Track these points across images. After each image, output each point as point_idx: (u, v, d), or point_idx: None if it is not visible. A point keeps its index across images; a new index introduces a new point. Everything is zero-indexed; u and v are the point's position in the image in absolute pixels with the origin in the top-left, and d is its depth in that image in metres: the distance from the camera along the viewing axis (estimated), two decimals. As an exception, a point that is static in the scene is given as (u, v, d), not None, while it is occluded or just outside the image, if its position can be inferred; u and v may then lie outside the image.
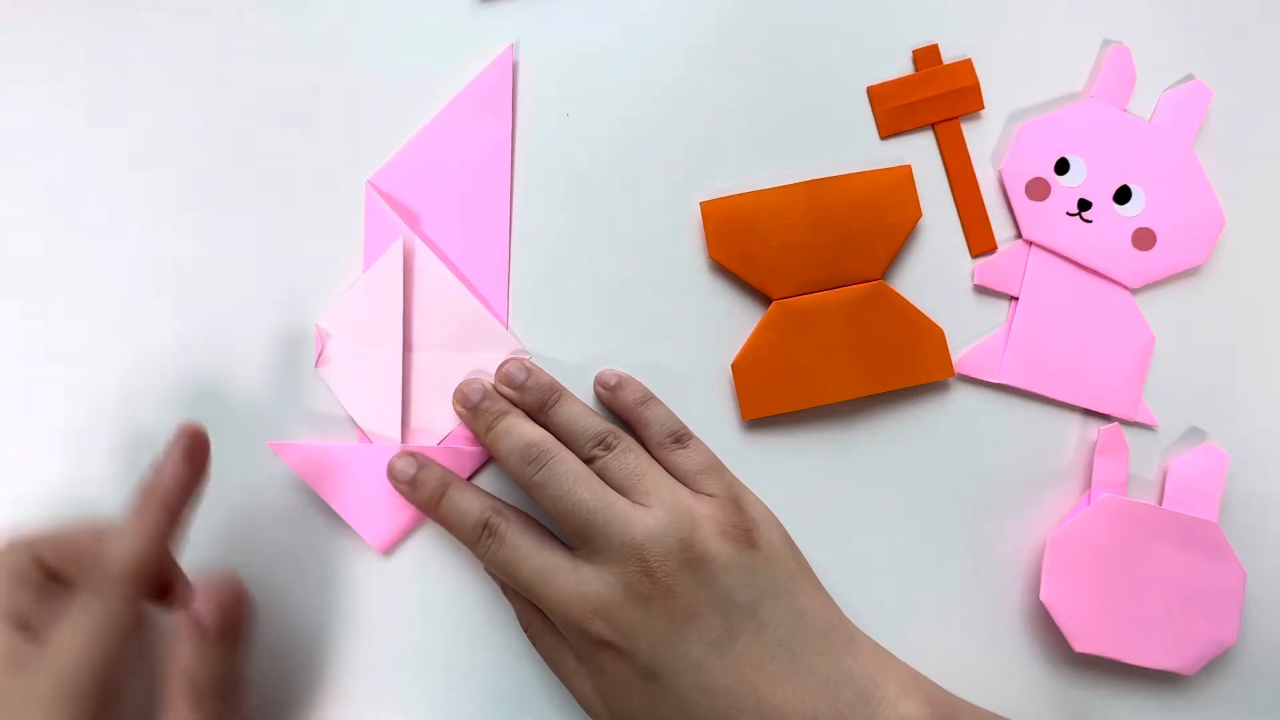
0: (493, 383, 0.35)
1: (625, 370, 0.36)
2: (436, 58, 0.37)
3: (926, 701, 0.31)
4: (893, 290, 0.36)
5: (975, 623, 0.36)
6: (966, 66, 0.37)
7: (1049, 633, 0.36)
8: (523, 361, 0.36)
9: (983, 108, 0.38)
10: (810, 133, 0.37)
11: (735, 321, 0.37)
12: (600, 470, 0.33)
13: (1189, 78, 0.38)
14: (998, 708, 0.33)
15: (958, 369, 0.37)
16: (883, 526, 0.37)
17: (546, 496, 0.32)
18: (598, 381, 0.36)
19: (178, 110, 0.38)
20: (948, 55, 0.38)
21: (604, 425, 0.34)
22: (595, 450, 0.33)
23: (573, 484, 0.32)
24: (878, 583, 0.36)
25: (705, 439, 0.35)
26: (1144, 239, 0.37)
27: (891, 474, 0.37)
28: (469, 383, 0.35)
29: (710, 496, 0.33)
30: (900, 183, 0.37)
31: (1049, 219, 0.37)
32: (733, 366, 0.36)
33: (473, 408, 0.35)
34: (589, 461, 0.33)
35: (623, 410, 0.36)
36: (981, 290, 0.37)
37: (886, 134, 0.38)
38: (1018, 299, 0.37)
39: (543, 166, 0.37)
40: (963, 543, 0.37)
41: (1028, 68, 0.38)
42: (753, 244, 0.36)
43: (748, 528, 0.32)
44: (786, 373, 0.36)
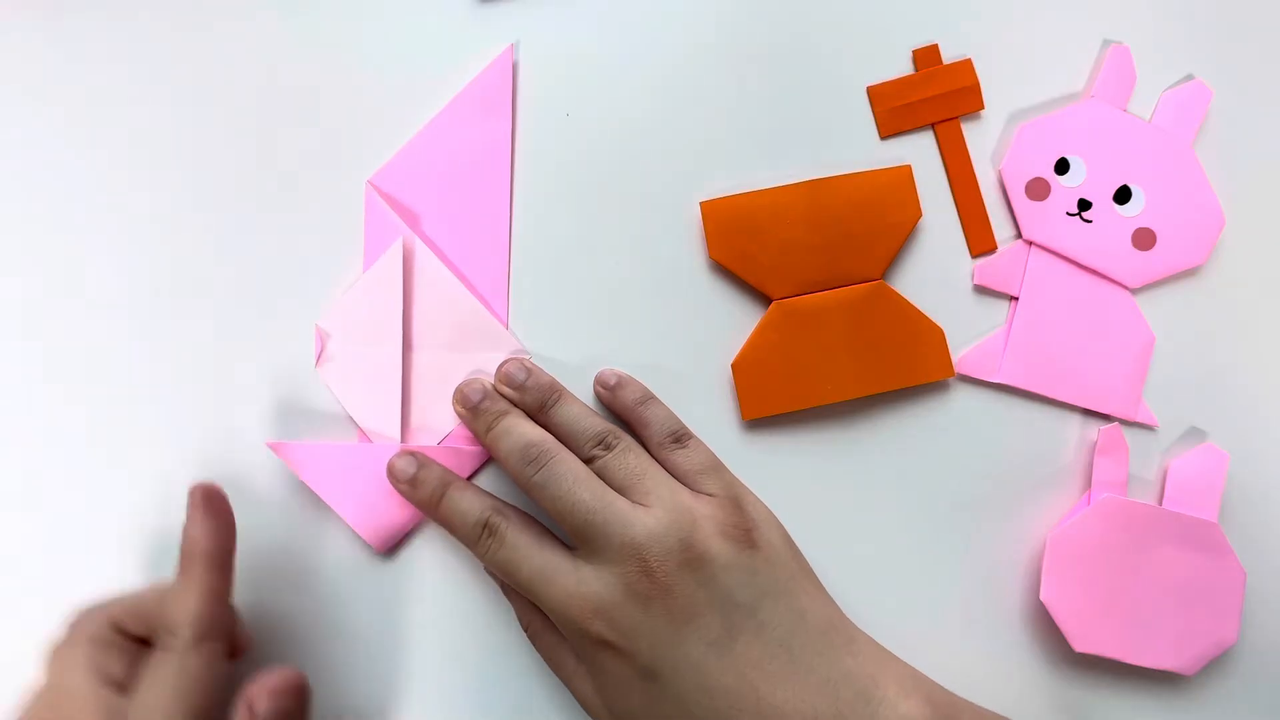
0: (493, 383, 0.35)
1: (625, 370, 0.36)
2: (436, 58, 0.37)
3: (926, 701, 0.31)
4: (893, 290, 0.36)
5: (975, 623, 0.36)
6: (966, 66, 0.37)
7: (1049, 633, 0.36)
8: (523, 361, 0.36)
9: (983, 108, 0.38)
10: (810, 133, 0.37)
11: (735, 321, 0.37)
12: (600, 470, 0.33)
13: (1189, 78, 0.38)
14: (998, 708, 0.33)
15: (958, 369, 0.37)
16: (883, 526, 0.37)
17: (546, 496, 0.32)
18: (598, 381, 0.36)
19: (178, 110, 0.38)
20: (948, 55, 0.38)
21: (604, 425, 0.34)
22: (595, 450, 0.33)
23: (572, 484, 0.32)
24: (878, 583, 0.36)
25: (705, 439, 0.35)
26: (1144, 239, 0.37)
27: (891, 474, 0.37)
28: (469, 383, 0.35)
29: (710, 496, 0.33)
30: (900, 183, 0.37)
31: (1049, 219, 0.37)
32: (733, 366, 0.36)
33: (473, 408, 0.35)
34: (589, 461, 0.33)
35: (622, 410, 0.36)
36: (981, 290, 0.37)
37: (886, 134, 0.37)
38: (1018, 299, 0.37)
39: (543, 166, 0.37)
40: (963, 543, 0.37)
41: (1028, 68, 0.38)
42: (753, 244, 0.36)
43: (748, 528, 0.32)
44: (786, 373, 0.36)
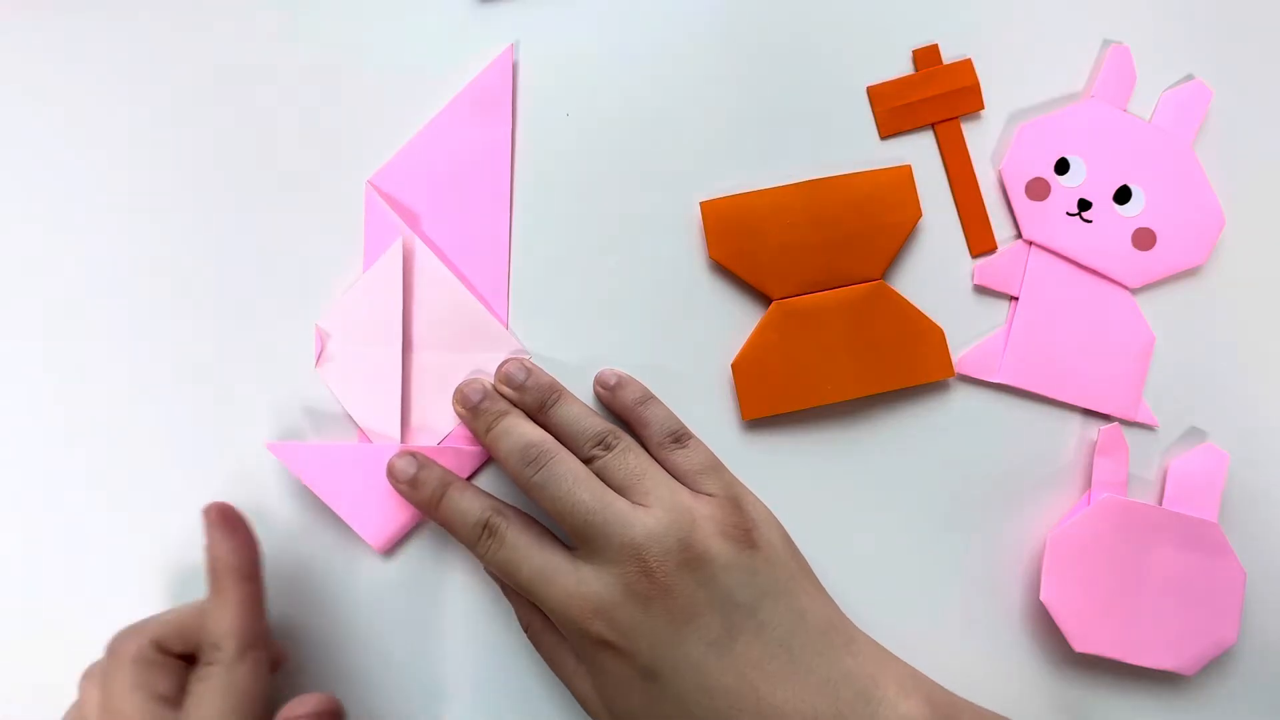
0: (492, 383, 0.35)
1: (625, 370, 0.36)
2: (436, 58, 0.37)
3: (926, 701, 0.31)
4: (893, 290, 0.36)
5: (975, 623, 0.36)
6: (966, 66, 0.37)
7: (1049, 633, 0.36)
8: (523, 361, 0.36)
9: (983, 108, 0.38)
10: (810, 133, 0.37)
11: (735, 321, 0.37)
12: (600, 470, 0.33)
13: (1189, 78, 0.38)
14: (998, 708, 0.33)
15: (958, 369, 0.37)
16: (883, 526, 0.37)
17: (546, 497, 0.32)
18: (597, 381, 0.36)
19: (178, 111, 0.38)
20: (948, 55, 0.38)
21: (604, 425, 0.34)
22: (595, 450, 0.33)
23: (572, 484, 0.32)
24: (878, 583, 0.36)
25: (705, 439, 0.35)
26: (1144, 239, 0.37)
27: (891, 474, 0.37)
28: (469, 383, 0.35)
29: (710, 496, 0.33)
30: (900, 183, 0.37)
31: (1049, 219, 0.37)
32: (733, 366, 0.36)
33: (472, 408, 0.35)
34: (589, 461, 0.33)
35: (622, 410, 0.36)
36: (981, 290, 0.37)
37: (886, 134, 0.37)
38: (1018, 299, 0.37)
39: (543, 166, 0.37)
40: (963, 543, 0.37)
41: (1028, 68, 0.38)
42: (753, 244, 0.36)
43: (747, 528, 0.32)
44: (786, 373, 0.36)
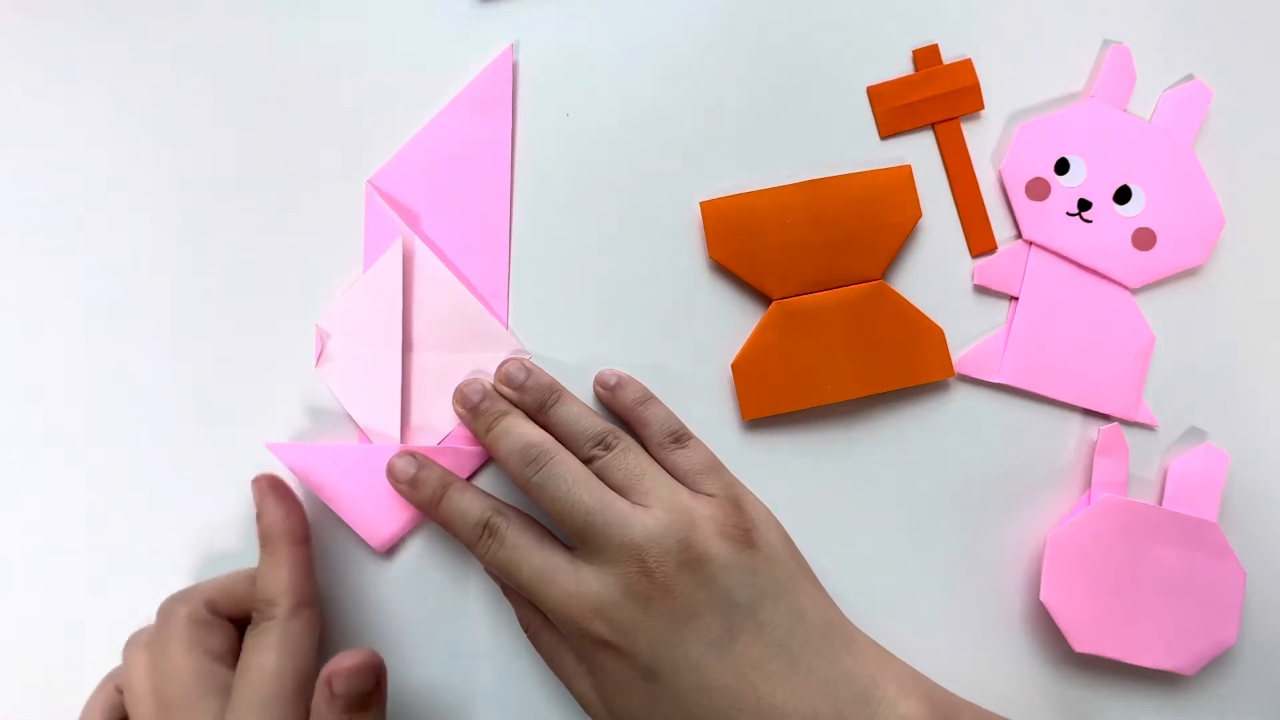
0: (493, 383, 0.35)
1: (625, 370, 0.36)
2: (436, 58, 0.37)
3: (926, 701, 0.31)
4: (893, 290, 0.36)
5: (975, 623, 0.36)
6: (966, 66, 0.37)
7: (1049, 633, 0.36)
8: (522, 361, 0.36)
9: (983, 108, 0.38)
10: (810, 133, 0.37)
11: (735, 321, 0.37)
12: (600, 470, 0.33)
13: (1189, 78, 0.38)
14: (998, 708, 0.33)
15: (958, 369, 0.37)
16: (883, 526, 0.37)
17: (545, 497, 0.32)
18: (597, 381, 0.36)
19: (178, 111, 0.38)
20: (948, 55, 0.38)
21: (604, 425, 0.34)
22: (595, 450, 0.33)
23: (571, 485, 0.32)
24: (878, 583, 0.36)
25: (705, 439, 0.35)
26: (1144, 239, 0.37)
27: (891, 474, 0.37)
28: (469, 383, 0.35)
29: (710, 496, 0.33)
30: (900, 183, 0.37)
31: (1049, 219, 0.37)
32: (733, 366, 0.36)
33: (472, 408, 0.35)
34: (588, 461, 0.33)
35: (622, 410, 0.36)
36: (981, 290, 0.37)
37: (886, 134, 0.37)
38: (1018, 299, 0.37)
39: (543, 166, 0.37)
40: (963, 543, 0.37)
41: (1028, 68, 0.38)
42: (753, 244, 0.36)
43: (747, 528, 0.32)
44: (786, 373, 0.36)
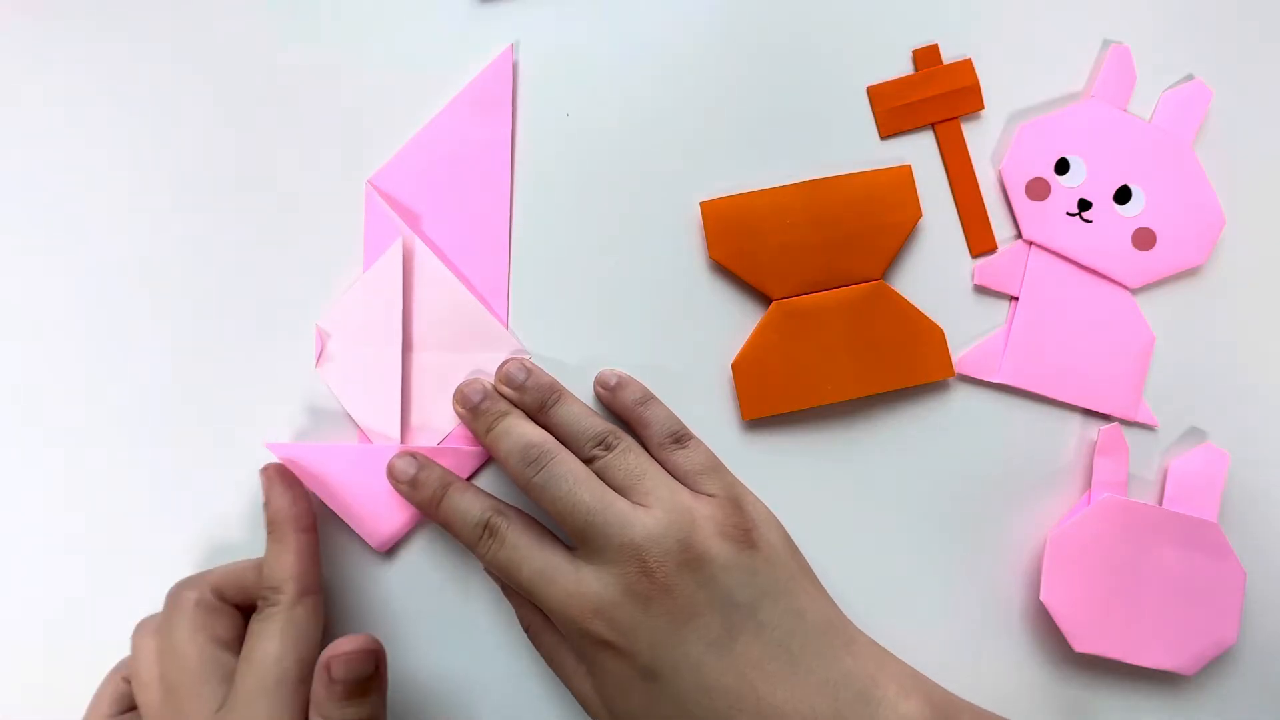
0: (493, 383, 0.35)
1: (625, 370, 0.36)
2: (436, 58, 0.37)
3: (926, 701, 0.31)
4: (893, 290, 0.36)
5: (975, 623, 0.36)
6: (966, 66, 0.37)
7: (1049, 633, 0.36)
8: (523, 361, 0.36)
9: (983, 108, 0.38)
10: (810, 133, 0.37)
11: (735, 321, 0.37)
12: (600, 470, 0.33)
13: (1189, 78, 0.38)
14: (998, 708, 0.33)
15: (958, 369, 0.37)
16: (883, 526, 0.37)
17: (546, 497, 0.32)
18: (598, 381, 0.36)
19: (177, 111, 0.38)
20: (948, 55, 0.38)
21: (604, 425, 0.34)
22: (595, 450, 0.33)
23: (572, 485, 0.32)
24: (878, 583, 0.36)
25: (705, 439, 0.35)
26: (1144, 239, 0.37)
27: (891, 474, 0.37)
28: (469, 383, 0.35)
29: (710, 497, 0.33)
30: (900, 183, 0.37)
31: (1049, 219, 0.37)
32: (733, 366, 0.36)
33: (473, 408, 0.35)
34: (589, 462, 0.33)
35: (622, 410, 0.36)
36: (981, 290, 0.37)
37: (886, 134, 0.37)
38: (1018, 299, 0.37)
39: (543, 166, 0.37)
40: (963, 543, 0.37)
41: (1028, 68, 0.38)
42: (753, 244, 0.36)
43: (747, 528, 0.32)
44: (786, 373, 0.36)
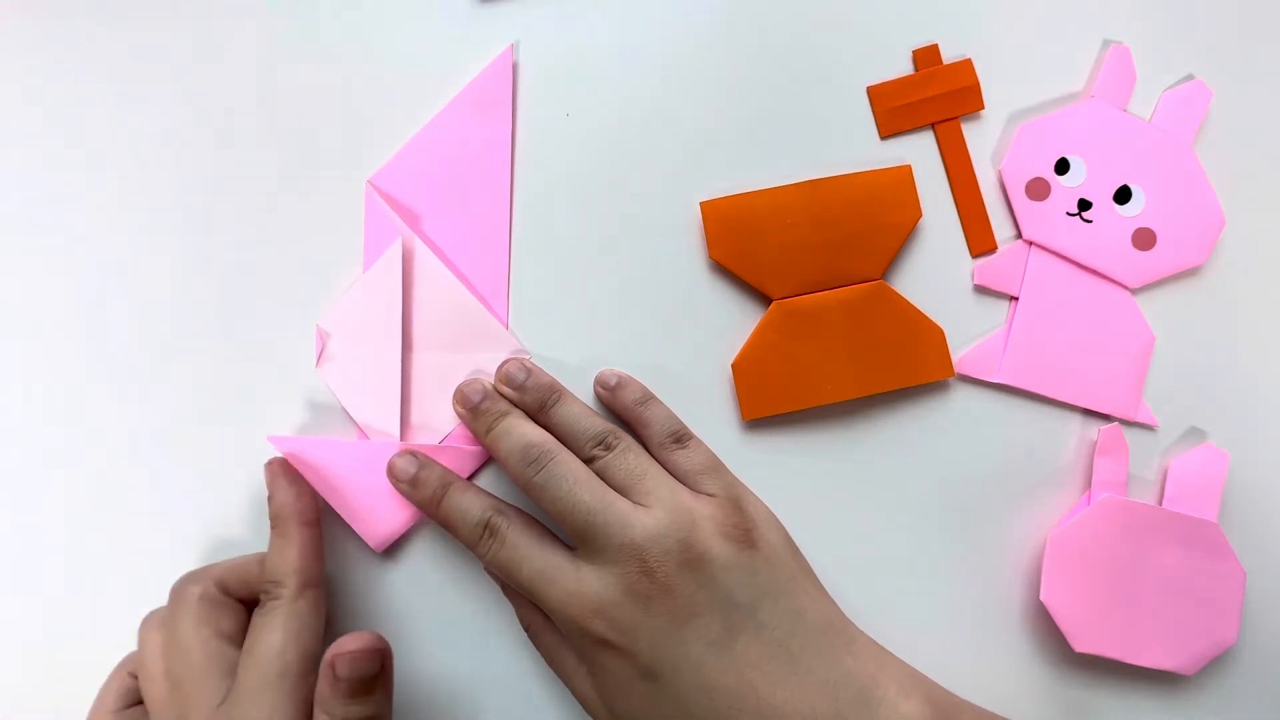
0: (493, 383, 0.35)
1: (625, 370, 0.36)
2: (436, 58, 0.37)
3: (926, 701, 0.31)
4: (893, 290, 0.36)
5: (975, 623, 0.36)
6: (966, 66, 0.37)
7: (1049, 633, 0.36)
8: (523, 361, 0.36)
9: (983, 108, 0.38)
10: (810, 133, 0.37)
11: (735, 321, 0.37)
12: (600, 470, 0.33)
13: (1189, 78, 0.38)
14: (998, 708, 0.33)
15: (958, 369, 0.37)
16: (883, 526, 0.37)
17: (546, 497, 0.32)
18: (598, 381, 0.36)
19: (178, 111, 0.38)
20: (948, 55, 0.38)
21: (604, 425, 0.34)
22: (595, 450, 0.33)
23: (572, 485, 0.32)
24: (878, 583, 0.36)
25: (705, 439, 0.35)
26: (1144, 239, 0.37)
27: (891, 474, 0.37)
28: (469, 383, 0.35)
29: (710, 496, 0.33)
30: (900, 183, 0.37)
31: (1049, 219, 0.37)
32: (733, 366, 0.36)
33: (473, 408, 0.35)
34: (589, 461, 0.33)
35: (623, 410, 0.36)
36: (981, 290, 0.37)
37: (886, 134, 0.37)
38: (1018, 299, 0.37)
39: (543, 166, 0.37)
40: (963, 543, 0.37)
41: (1028, 68, 0.38)
42: (753, 244, 0.36)
43: (747, 528, 0.32)
44: (786, 373, 0.36)
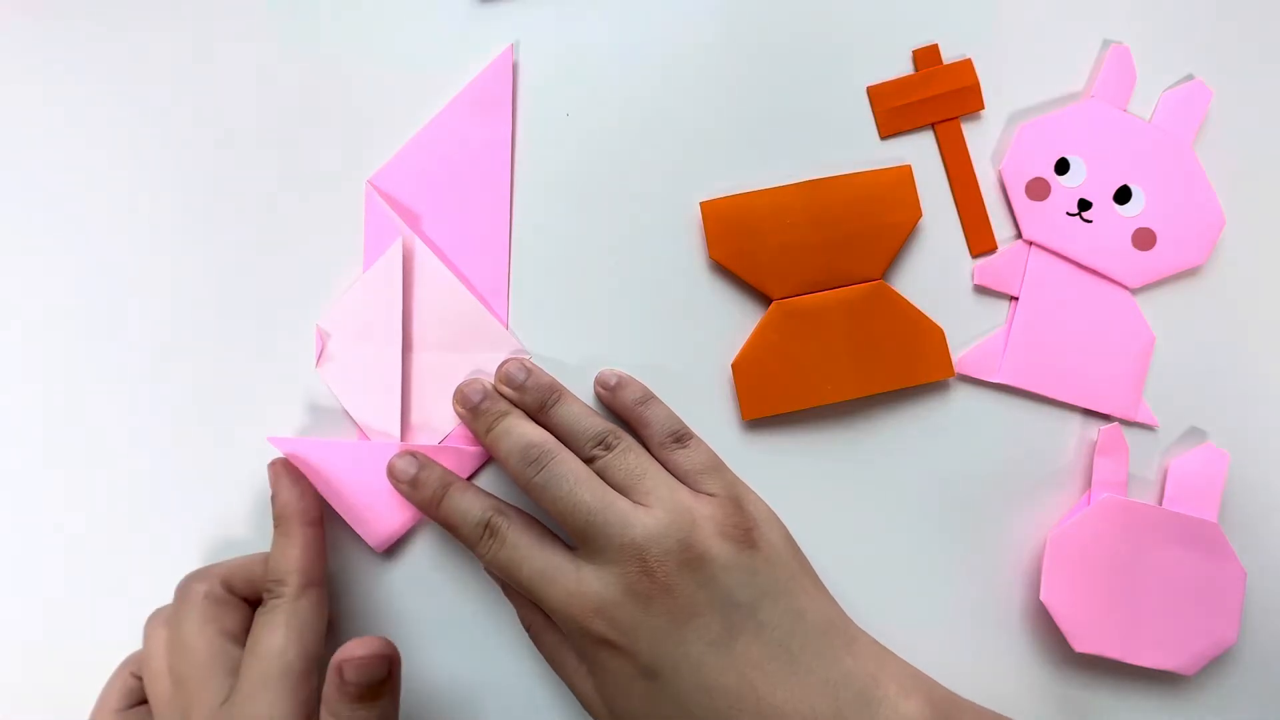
0: (493, 383, 0.35)
1: (625, 370, 0.36)
2: (436, 58, 0.37)
3: (927, 701, 0.31)
4: (893, 290, 0.36)
5: (975, 623, 0.36)
6: (966, 66, 0.37)
7: (1049, 633, 0.36)
8: (523, 361, 0.36)
9: (983, 108, 0.38)
10: (810, 133, 0.37)
11: (735, 321, 0.37)
12: (601, 470, 0.33)
13: (1189, 78, 0.38)
14: (998, 707, 0.33)
15: (958, 369, 0.37)
16: (883, 526, 0.37)
17: (547, 497, 0.32)
18: (598, 381, 0.36)
19: (178, 111, 0.38)
20: (948, 55, 0.38)
21: (604, 425, 0.34)
22: (595, 450, 0.33)
23: (573, 485, 0.32)
24: (878, 583, 0.36)
25: (705, 439, 0.35)
26: (1144, 239, 0.37)
27: (891, 474, 0.37)
28: (469, 383, 0.35)
29: (710, 496, 0.33)
30: (900, 183, 0.37)
31: (1049, 219, 0.37)
32: (733, 366, 0.36)
33: (473, 408, 0.35)
34: (589, 461, 0.33)
35: (623, 410, 0.36)
36: (981, 290, 0.37)
37: (886, 134, 0.37)
38: (1018, 299, 0.37)
39: (543, 166, 0.37)
40: (963, 543, 0.37)
41: (1028, 68, 0.38)
42: (753, 244, 0.36)
43: (748, 527, 0.32)
44: (786, 373, 0.36)
